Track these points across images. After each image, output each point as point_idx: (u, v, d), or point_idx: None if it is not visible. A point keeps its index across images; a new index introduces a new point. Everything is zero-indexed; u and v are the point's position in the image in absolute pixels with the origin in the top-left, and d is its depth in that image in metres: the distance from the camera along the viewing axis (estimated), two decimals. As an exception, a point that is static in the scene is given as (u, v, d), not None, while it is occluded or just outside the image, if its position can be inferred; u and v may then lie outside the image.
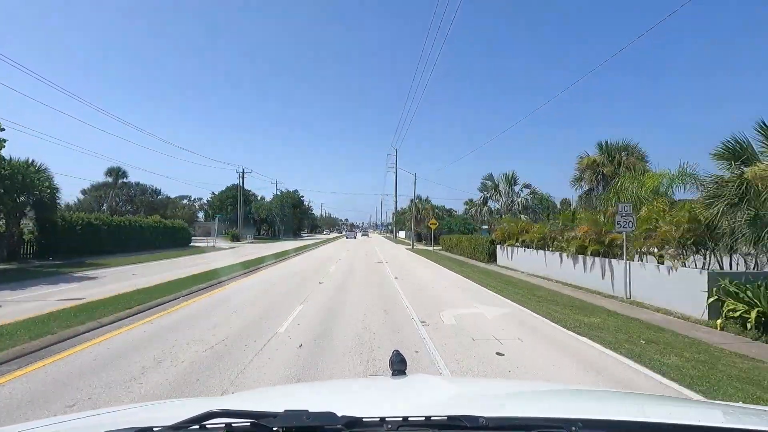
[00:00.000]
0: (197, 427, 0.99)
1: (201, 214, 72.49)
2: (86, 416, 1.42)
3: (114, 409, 1.65)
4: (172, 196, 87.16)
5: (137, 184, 55.12)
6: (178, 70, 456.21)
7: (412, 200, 55.87)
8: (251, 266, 18.96)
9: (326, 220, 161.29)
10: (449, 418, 1.02)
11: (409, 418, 1.02)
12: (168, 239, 35.55)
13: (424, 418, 1.02)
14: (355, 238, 72.90)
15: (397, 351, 1.95)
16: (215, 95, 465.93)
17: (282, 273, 17.33)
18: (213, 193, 64.20)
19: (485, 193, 31.97)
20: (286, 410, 1.02)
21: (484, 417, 1.01)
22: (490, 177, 31.41)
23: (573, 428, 0.99)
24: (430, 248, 41.35)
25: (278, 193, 68.80)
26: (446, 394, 1.70)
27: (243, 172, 58.06)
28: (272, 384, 4.83)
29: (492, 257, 23.65)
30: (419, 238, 60.40)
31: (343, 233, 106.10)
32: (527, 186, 30.59)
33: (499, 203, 30.78)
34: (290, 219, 68.58)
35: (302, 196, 70.06)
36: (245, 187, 69.59)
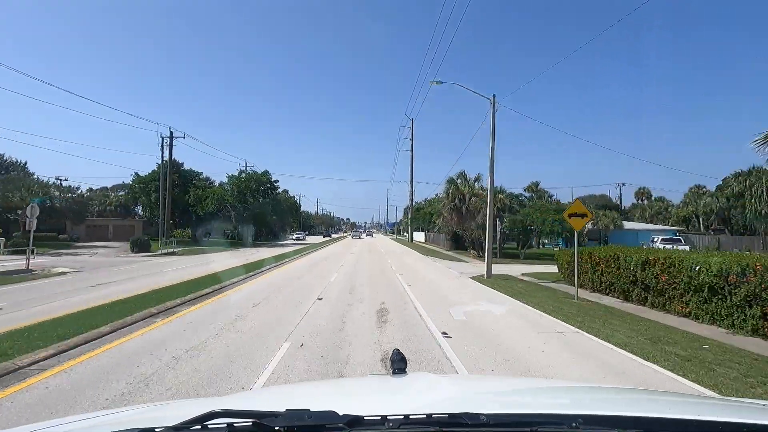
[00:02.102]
0: (199, 427, 0.98)
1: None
2: (89, 417, 1.41)
3: (116, 410, 1.68)
4: (109, 185, 65.29)
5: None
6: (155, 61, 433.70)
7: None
8: None
9: (323, 218, 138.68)
10: (450, 415, 1.00)
11: (411, 417, 1.01)
12: None
13: (425, 416, 1.00)
14: (359, 238, 71.44)
15: (397, 350, 1.84)
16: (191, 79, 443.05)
17: None
18: (136, 174, 41.60)
19: None
20: (287, 409, 1.01)
21: (485, 414, 1.00)
22: None
23: (574, 424, 0.98)
24: (525, 274, 18.57)
25: (242, 174, 45.88)
26: (447, 392, 1.62)
27: (171, 136, 35.51)
28: None
29: None
30: (457, 244, 37.68)
31: (344, 234, 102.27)
32: None
33: None
34: (261, 214, 45.90)
35: (276, 181, 47.44)
36: (196, 170, 47.22)
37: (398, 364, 1.75)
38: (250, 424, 0.97)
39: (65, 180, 60.04)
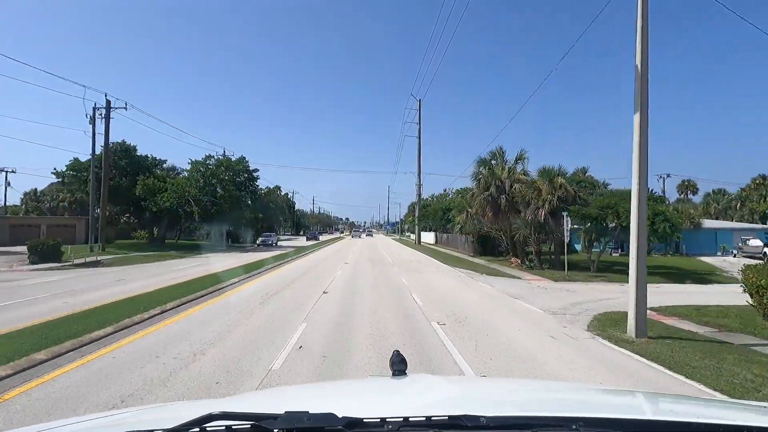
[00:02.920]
0: (197, 429, 0.97)
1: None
2: (87, 420, 1.39)
3: (114, 413, 1.66)
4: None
5: None
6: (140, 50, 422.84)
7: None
8: None
9: (320, 218, 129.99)
10: (450, 417, 0.99)
11: (410, 419, 1.00)
12: None
13: (424, 418, 1.00)
14: (359, 238, 70.13)
15: (397, 351, 1.78)
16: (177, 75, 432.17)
17: None
18: (75, 159, 32.77)
19: None
20: (286, 411, 0.99)
21: (484, 416, 0.99)
22: None
23: (574, 426, 0.97)
24: (660, 310, 9.83)
25: (210, 160, 37.01)
26: (447, 393, 1.56)
27: (108, 107, 26.80)
28: None
29: None
30: (484, 247, 28.92)
31: (341, 235, 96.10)
32: None
33: None
34: (236, 211, 37.11)
35: (255, 170, 38.64)
36: (159, 157, 38.54)
37: (398, 365, 1.69)
38: (249, 426, 0.96)
39: (12, 171, 51.31)
